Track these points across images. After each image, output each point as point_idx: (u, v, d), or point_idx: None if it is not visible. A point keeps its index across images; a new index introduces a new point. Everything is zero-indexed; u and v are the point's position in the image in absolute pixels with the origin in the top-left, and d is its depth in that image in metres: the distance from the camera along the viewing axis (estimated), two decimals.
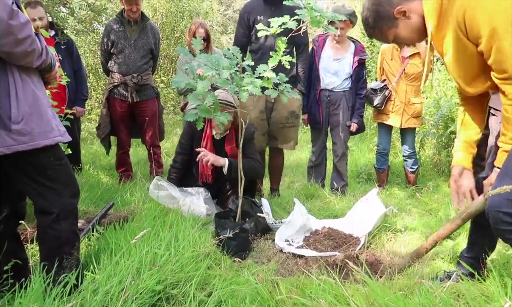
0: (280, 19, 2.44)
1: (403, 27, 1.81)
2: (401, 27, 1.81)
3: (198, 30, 4.11)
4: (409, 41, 1.90)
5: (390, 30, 1.83)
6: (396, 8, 1.77)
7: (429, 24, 1.73)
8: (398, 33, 1.83)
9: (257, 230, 2.88)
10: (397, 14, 1.78)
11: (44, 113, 1.77)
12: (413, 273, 2.25)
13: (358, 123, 4.12)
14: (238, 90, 2.44)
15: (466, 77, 1.78)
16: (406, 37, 1.84)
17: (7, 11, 1.53)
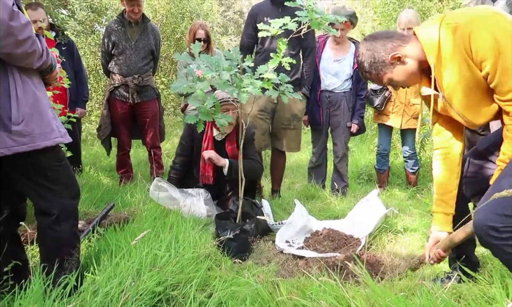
0: (281, 20, 2.44)
1: (398, 71, 1.85)
2: (396, 71, 1.85)
3: (198, 31, 4.11)
4: (404, 85, 1.93)
5: (385, 74, 1.88)
6: (391, 54, 1.82)
7: (430, 56, 1.76)
8: (393, 77, 1.88)
9: (258, 231, 2.88)
10: (392, 60, 1.83)
11: (44, 114, 1.77)
12: (414, 274, 2.25)
13: (358, 124, 4.12)
14: (238, 92, 2.44)
15: (473, 107, 1.77)
16: (400, 80, 1.89)
17: (7, 12, 1.53)
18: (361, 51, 1.90)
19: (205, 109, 2.43)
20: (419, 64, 1.84)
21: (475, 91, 1.72)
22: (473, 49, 1.62)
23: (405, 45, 1.82)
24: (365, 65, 1.90)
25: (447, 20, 1.70)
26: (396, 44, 1.82)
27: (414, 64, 1.83)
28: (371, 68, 1.88)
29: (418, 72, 1.86)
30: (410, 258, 2.54)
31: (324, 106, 4.10)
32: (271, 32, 2.48)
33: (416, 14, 4.05)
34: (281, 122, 3.79)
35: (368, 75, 1.93)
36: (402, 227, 2.98)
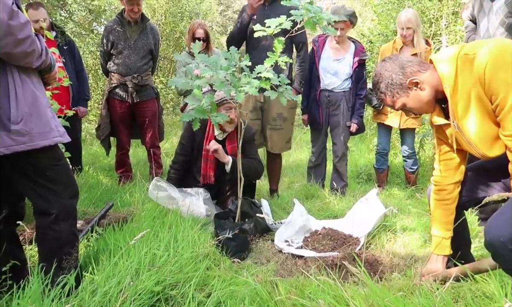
0: (278, 19, 2.44)
1: (414, 97, 1.84)
2: (412, 97, 1.84)
3: (197, 30, 4.11)
4: (417, 111, 1.91)
5: (400, 98, 1.86)
6: (410, 78, 1.80)
7: (446, 86, 1.75)
8: (407, 103, 1.86)
9: (257, 231, 2.88)
10: (410, 84, 1.81)
11: (43, 114, 1.77)
12: (413, 274, 2.25)
13: (358, 124, 4.11)
14: (235, 91, 2.44)
15: (486, 138, 1.75)
16: (414, 107, 1.87)
17: (7, 11, 1.53)
18: (379, 71, 1.89)
19: (200, 107, 2.42)
20: (435, 93, 1.82)
21: (488, 123, 1.71)
22: (486, 81, 1.61)
23: (424, 72, 1.81)
24: (382, 86, 1.88)
25: (466, 51, 1.69)
26: (416, 70, 1.81)
27: (430, 92, 1.82)
28: (387, 89, 1.87)
29: (433, 100, 1.85)
30: (408, 258, 2.54)
31: (324, 105, 4.10)
32: (268, 32, 2.48)
33: (416, 13, 4.05)
34: (268, 122, 3.79)
35: (383, 96, 1.91)
36: (401, 227, 2.99)
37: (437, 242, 2.03)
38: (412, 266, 2.43)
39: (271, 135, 3.82)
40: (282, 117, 3.80)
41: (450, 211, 2.00)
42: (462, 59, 1.69)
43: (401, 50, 4.22)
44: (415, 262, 2.49)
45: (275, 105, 3.72)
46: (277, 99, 2.73)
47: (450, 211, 2.00)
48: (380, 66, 1.90)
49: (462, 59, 1.69)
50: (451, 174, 1.97)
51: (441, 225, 2.02)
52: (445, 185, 1.99)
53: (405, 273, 2.31)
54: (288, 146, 4.00)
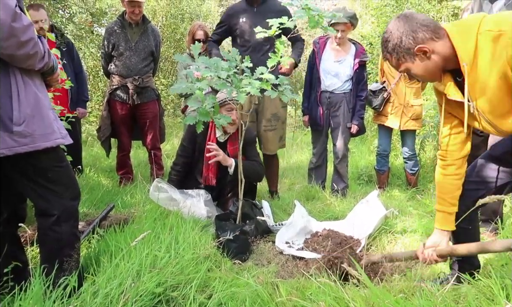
0: (279, 19, 2.45)
1: (418, 64, 1.76)
2: (418, 64, 1.76)
3: (197, 32, 4.12)
4: (420, 79, 1.87)
5: (405, 63, 1.79)
6: (419, 45, 1.71)
7: (464, 64, 1.66)
8: (412, 68, 1.79)
9: (258, 232, 2.88)
10: (418, 51, 1.72)
11: (45, 115, 1.77)
12: (413, 275, 2.25)
13: (358, 125, 4.12)
14: (237, 92, 2.45)
15: (506, 115, 1.70)
16: (418, 74, 1.80)
17: (10, 13, 1.53)
18: (390, 29, 1.77)
19: (203, 109, 2.43)
20: (444, 63, 1.74)
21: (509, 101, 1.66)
22: None
23: (437, 41, 1.70)
24: (389, 45, 1.78)
25: (489, 27, 1.59)
26: (428, 36, 1.70)
27: (438, 62, 1.73)
28: (394, 50, 1.77)
29: (439, 71, 1.77)
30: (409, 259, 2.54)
31: (324, 106, 4.10)
32: (268, 33, 2.49)
33: None
34: (263, 124, 3.80)
35: (389, 56, 1.82)
36: (401, 228, 2.99)
37: (441, 217, 1.99)
38: (412, 267, 2.43)
39: (266, 136, 3.83)
40: (276, 117, 3.82)
41: (457, 186, 1.96)
42: (484, 35, 1.59)
43: None
44: (416, 263, 2.49)
45: (269, 106, 3.73)
46: (272, 99, 2.75)
47: (457, 186, 1.96)
48: (393, 23, 1.77)
49: (484, 35, 1.59)
50: (459, 148, 1.93)
51: (447, 200, 1.97)
52: (454, 160, 1.94)
53: (405, 274, 2.31)
54: (281, 144, 4.00)
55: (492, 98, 1.67)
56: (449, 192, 1.96)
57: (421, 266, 2.41)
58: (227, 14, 3.83)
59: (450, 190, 1.96)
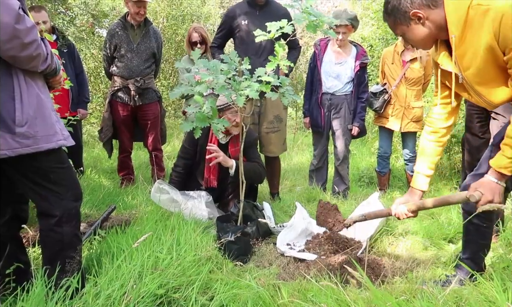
0: (278, 23, 2.45)
1: (413, 29, 1.81)
2: (412, 28, 1.82)
3: (192, 35, 4.12)
4: (414, 44, 1.93)
5: (401, 26, 1.84)
6: (415, 10, 1.76)
7: (453, 35, 1.73)
8: (406, 32, 1.85)
9: (259, 234, 2.88)
10: (413, 16, 1.77)
11: (48, 117, 1.78)
12: (415, 277, 2.25)
13: (359, 127, 4.12)
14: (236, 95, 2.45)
15: (493, 85, 1.78)
16: (411, 39, 1.87)
17: (13, 15, 1.54)
18: None
19: (201, 114, 2.43)
20: (438, 32, 1.80)
21: (495, 73, 1.73)
22: (501, 33, 1.60)
23: (433, 9, 1.75)
24: (388, 7, 1.85)
25: (479, 1, 1.66)
26: (425, 3, 1.75)
27: (432, 30, 1.79)
28: (391, 12, 1.83)
29: (432, 39, 1.84)
30: (410, 261, 2.54)
31: (325, 108, 4.11)
32: (268, 36, 2.49)
33: None
34: (265, 126, 3.80)
35: (386, 17, 1.89)
36: (402, 230, 2.99)
37: (417, 177, 2.15)
38: (414, 269, 2.43)
39: (269, 138, 3.83)
40: (278, 119, 3.83)
41: (436, 153, 2.11)
42: (474, 9, 1.66)
43: (402, 54, 4.23)
44: (417, 265, 2.49)
45: (271, 108, 3.73)
46: (274, 101, 2.74)
47: (438, 152, 2.11)
48: None
49: (474, 9, 1.66)
50: (446, 118, 2.06)
51: (426, 164, 2.12)
52: (440, 128, 2.08)
53: (407, 276, 2.31)
54: (284, 147, 4.01)
55: (480, 69, 1.74)
56: (429, 156, 2.12)
57: (422, 268, 2.41)
58: (227, 16, 3.81)
59: (430, 154, 2.11)
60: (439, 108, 2.07)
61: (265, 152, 3.90)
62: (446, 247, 2.79)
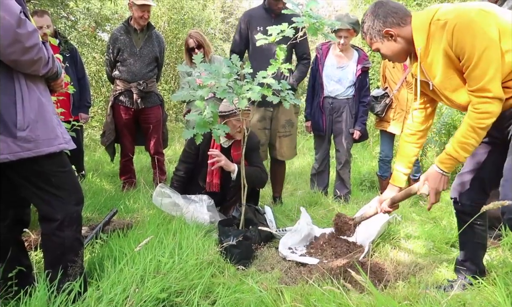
0: (279, 27, 2.45)
1: (387, 46, 2.03)
2: (386, 45, 2.03)
3: (188, 41, 4.11)
4: (389, 59, 2.13)
5: (376, 42, 2.05)
6: (387, 29, 1.97)
7: (418, 49, 1.94)
8: (381, 49, 2.06)
9: (261, 238, 2.88)
10: (386, 34, 1.99)
11: (49, 121, 1.77)
12: (417, 282, 2.25)
13: (361, 131, 4.12)
14: (238, 98, 2.45)
15: (459, 89, 1.92)
16: (386, 54, 2.07)
17: (15, 19, 1.54)
18: (368, 12, 2.06)
19: (201, 120, 2.42)
20: (408, 47, 2.00)
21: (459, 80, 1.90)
22: (454, 41, 1.79)
23: (403, 26, 1.97)
24: (364, 26, 2.06)
25: (438, 16, 1.86)
26: (396, 22, 1.97)
27: (404, 45, 2.00)
28: (367, 31, 2.05)
29: (404, 53, 2.05)
30: (413, 266, 2.54)
31: (327, 112, 4.11)
32: (269, 40, 2.49)
33: None
34: (277, 130, 3.80)
35: (364, 36, 2.10)
36: (405, 234, 2.98)
37: (397, 175, 2.34)
38: (416, 274, 2.42)
39: (281, 142, 3.84)
40: (290, 123, 3.83)
41: (415, 153, 2.30)
42: (434, 25, 1.87)
43: None
44: (420, 270, 2.48)
45: (284, 112, 3.72)
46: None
47: (415, 153, 2.30)
48: (370, 8, 2.06)
49: (434, 24, 1.86)
50: (423, 121, 2.24)
51: (404, 163, 2.31)
52: (417, 131, 2.26)
53: (409, 281, 2.30)
54: (295, 152, 4.03)
55: (444, 77, 1.92)
56: (407, 157, 2.30)
57: (425, 273, 2.41)
58: (244, 21, 3.75)
59: (408, 155, 2.30)
60: (418, 112, 2.24)
61: (276, 155, 3.90)
62: (448, 252, 2.78)
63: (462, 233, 2.17)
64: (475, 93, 1.81)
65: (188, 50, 4.12)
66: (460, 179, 2.17)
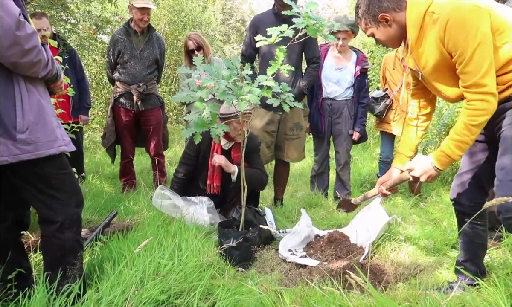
0: (278, 28, 2.45)
1: (381, 31, 2.01)
2: (380, 30, 2.01)
3: (188, 43, 4.13)
4: (383, 44, 2.11)
5: (371, 28, 2.03)
6: (382, 13, 1.95)
7: (410, 38, 1.94)
8: (376, 34, 2.04)
9: (261, 240, 2.88)
10: (381, 19, 1.97)
11: (49, 123, 1.77)
12: (418, 283, 2.24)
13: (360, 132, 4.12)
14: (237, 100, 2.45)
15: (448, 82, 1.95)
16: (381, 39, 2.05)
17: (14, 22, 1.54)
18: None
19: (200, 119, 2.42)
20: (402, 32, 1.98)
21: (449, 73, 1.90)
22: (446, 37, 1.79)
23: (398, 11, 1.94)
24: (359, 11, 2.04)
25: (433, 8, 1.84)
26: (391, 6, 1.94)
27: (397, 30, 1.98)
28: (362, 15, 2.02)
29: (398, 39, 2.03)
30: (413, 267, 2.53)
31: (326, 114, 4.11)
32: (269, 41, 2.49)
33: None
34: (285, 132, 3.80)
35: (358, 21, 2.08)
36: (405, 236, 2.97)
37: (400, 158, 2.32)
38: (417, 275, 2.41)
39: (288, 145, 3.84)
40: (299, 126, 3.82)
41: (419, 136, 2.29)
42: (428, 16, 1.85)
43: (404, 59, 4.23)
44: (420, 271, 2.48)
45: (292, 115, 3.71)
46: (294, 108, 2.75)
47: (419, 136, 2.29)
48: None
49: (428, 16, 1.85)
50: (425, 106, 2.25)
51: (407, 146, 2.30)
52: (419, 115, 2.26)
53: (409, 282, 2.30)
54: (303, 155, 4.02)
55: (433, 70, 1.93)
56: (411, 139, 2.30)
57: (425, 274, 2.40)
58: (253, 25, 3.73)
59: (412, 138, 2.30)
60: (414, 98, 2.28)
61: (283, 157, 3.89)
62: (448, 253, 2.77)
63: (463, 233, 2.18)
64: (469, 89, 1.80)
65: (188, 52, 4.14)
66: (458, 180, 2.17)
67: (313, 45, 3.70)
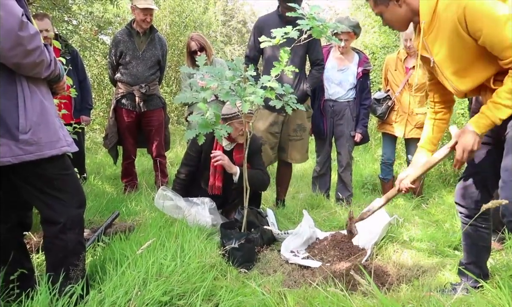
0: (283, 29, 2.45)
1: (390, 10, 1.94)
2: (389, 9, 1.94)
3: (190, 44, 4.13)
4: (390, 24, 2.04)
5: (381, 6, 1.96)
6: None
7: (423, 22, 1.87)
8: (384, 13, 1.97)
9: (263, 241, 2.87)
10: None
11: (51, 123, 1.77)
12: (421, 285, 2.23)
13: (362, 133, 4.12)
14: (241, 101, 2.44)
15: (460, 72, 1.88)
16: (388, 19, 1.99)
17: (17, 22, 1.54)
18: None
19: (204, 120, 2.42)
20: (412, 16, 1.92)
21: (465, 59, 1.83)
22: (467, 20, 1.71)
23: None
24: None
25: None
26: None
27: (407, 12, 1.92)
28: None
29: (407, 21, 1.97)
30: (416, 269, 2.53)
31: (328, 115, 4.11)
32: (273, 42, 2.48)
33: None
34: (288, 134, 3.80)
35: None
36: (407, 237, 2.97)
37: (421, 152, 2.24)
38: (420, 277, 2.41)
39: (292, 146, 3.83)
40: (302, 128, 3.82)
41: (441, 129, 2.23)
42: (442, 1, 1.79)
43: (405, 61, 4.23)
44: (423, 273, 2.47)
45: (295, 117, 3.70)
46: (298, 110, 2.75)
47: (441, 129, 2.23)
48: None
49: (442, 1, 1.79)
50: (444, 99, 2.19)
51: (430, 140, 2.23)
52: (441, 108, 2.20)
53: (413, 284, 2.29)
54: (307, 156, 4.02)
55: (447, 55, 1.87)
56: (434, 133, 2.22)
57: (428, 276, 2.40)
58: (257, 27, 3.72)
59: (435, 131, 2.22)
60: (431, 93, 2.23)
61: (286, 158, 3.89)
62: (451, 255, 2.76)
63: (466, 236, 2.17)
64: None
65: (190, 53, 4.14)
66: (463, 183, 2.15)
67: (317, 47, 3.71)
